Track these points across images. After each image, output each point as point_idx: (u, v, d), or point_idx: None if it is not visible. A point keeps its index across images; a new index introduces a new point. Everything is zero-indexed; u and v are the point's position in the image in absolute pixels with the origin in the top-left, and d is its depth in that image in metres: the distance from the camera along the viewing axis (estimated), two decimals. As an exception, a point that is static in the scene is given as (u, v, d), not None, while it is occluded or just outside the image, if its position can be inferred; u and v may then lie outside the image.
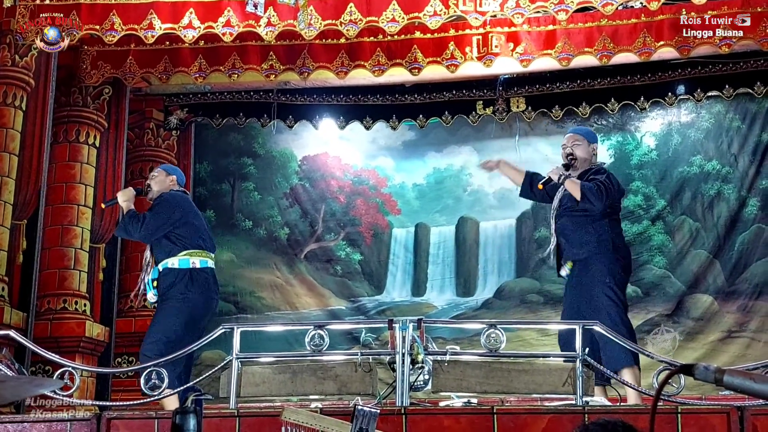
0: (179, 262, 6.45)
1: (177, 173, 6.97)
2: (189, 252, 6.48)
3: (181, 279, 6.41)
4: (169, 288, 6.41)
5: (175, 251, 6.46)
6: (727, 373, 2.25)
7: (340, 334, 9.67)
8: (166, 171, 6.96)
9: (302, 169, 11.30)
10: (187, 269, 6.43)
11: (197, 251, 6.51)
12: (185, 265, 6.45)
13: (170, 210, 6.53)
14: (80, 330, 8.94)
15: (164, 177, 6.83)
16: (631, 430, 2.56)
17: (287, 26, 7.35)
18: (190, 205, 6.82)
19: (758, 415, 4.79)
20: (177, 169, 7.20)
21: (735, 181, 10.26)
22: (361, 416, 3.92)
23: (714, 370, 2.25)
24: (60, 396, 5.65)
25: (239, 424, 5.04)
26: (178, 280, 6.40)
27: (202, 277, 6.48)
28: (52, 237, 9.02)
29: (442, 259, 11.06)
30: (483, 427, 4.94)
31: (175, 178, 6.85)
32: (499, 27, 8.38)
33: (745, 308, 9.92)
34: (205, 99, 10.61)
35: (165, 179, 6.81)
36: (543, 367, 5.47)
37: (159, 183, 6.79)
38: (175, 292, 6.39)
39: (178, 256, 6.45)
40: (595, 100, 10.17)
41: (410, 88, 10.30)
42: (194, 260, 6.48)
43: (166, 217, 6.50)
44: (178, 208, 6.58)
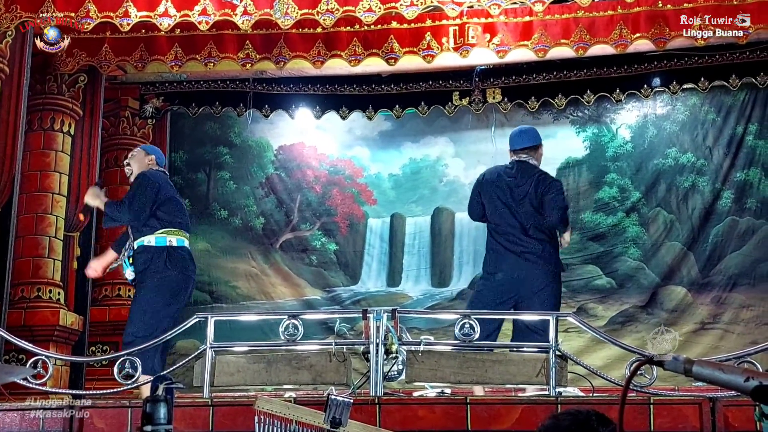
0: (156, 239, 6.42)
1: (156, 153, 6.94)
2: (166, 230, 6.45)
3: (159, 257, 6.38)
4: (147, 266, 6.38)
5: (152, 230, 6.43)
6: (696, 364, 2.26)
7: (315, 324, 9.67)
8: (145, 150, 6.94)
9: (278, 159, 11.28)
10: (164, 247, 6.41)
11: (174, 230, 6.48)
12: (162, 243, 6.42)
13: (152, 188, 6.48)
14: (54, 319, 8.88)
15: (143, 156, 6.80)
16: (603, 419, 2.57)
17: (263, 15, 7.31)
18: (169, 184, 6.78)
19: (730, 406, 4.83)
20: (156, 149, 7.16)
21: (710, 173, 10.32)
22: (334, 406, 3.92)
23: (683, 361, 2.26)
24: (33, 384, 5.63)
25: (213, 414, 5.04)
26: (155, 258, 6.38)
27: (179, 255, 6.46)
28: (26, 225, 8.95)
29: (417, 250, 11.07)
30: (457, 418, 4.95)
31: (154, 158, 6.82)
32: (475, 18, 8.37)
33: (719, 300, 10.00)
34: (181, 88, 10.55)
35: (144, 158, 6.78)
36: (517, 357, 5.49)
37: (138, 162, 6.76)
38: (153, 270, 6.37)
39: (155, 234, 6.42)
40: (571, 92, 10.19)
41: (387, 78, 10.29)
42: (171, 238, 6.45)
43: (151, 194, 6.45)
44: (158, 186, 6.54)
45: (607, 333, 7.33)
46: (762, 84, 9.83)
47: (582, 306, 10.24)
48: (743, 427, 4.73)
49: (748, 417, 4.64)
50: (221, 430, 4.99)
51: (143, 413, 3.69)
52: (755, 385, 2.23)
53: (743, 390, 2.24)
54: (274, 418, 4.08)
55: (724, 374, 2.24)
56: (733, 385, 2.24)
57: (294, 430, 4.07)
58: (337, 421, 3.91)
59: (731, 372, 2.24)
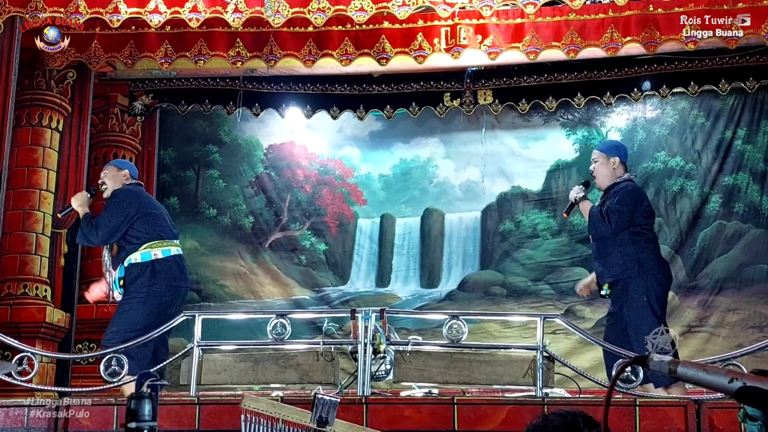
0: (141, 255, 6.50)
1: (128, 167, 7.00)
2: (149, 244, 6.51)
3: (144, 272, 6.45)
4: (133, 282, 6.44)
5: (136, 247, 6.49)
6: (681, 365, 2.27)
7: (303, 324, 9.65)
8: (116, 166, 6.98)
9: (268, 158, 11.25)
10: (148, 261, 6.47)
11: (157, 242, 6.52)
12: (147, 258, 6.49)
13: (125, 207, 6.55)
14: (41, 316, 8.85)
15: (116, 172, 6.85)
16: (590, 421, 2.57)
17: (254, 13, 7.30)
18: (145, 197, 6.83)
19: (715, 408, 4.86)
20: (127, 163, 7.24)
21: (698, 177, 10.34)
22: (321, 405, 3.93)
23: (668, 362, 2.26)
24: (19, 381, 5.61)
25: (199, 412, 5.03)
26: (141, 274, 6.44)
27: (166, 266, 6.50)
28: (13, 221, 8.91)
29: (406, 250, 11.06)
30: (443, 418, 4.96)
31: (127, 172, 6.87)
32: (467, 19, 8.36)
33: (706, 303, 10.02)
34: (171, 85, 10.51)
35: (117, 174, 6.83)
36: (504, 358, 5.51)
37: (112, 179, 6.82)
38: (138, 286, 6.42)
39: (139, 250, 6.49)
40: (561, 95, 10.19)
41: (378, 78, 10.27)
42: (155, 251, 6.50)
43: (122, 216, 6.53)
44: (132, 203, 6.59)
45: (594, 335, 7.34)
46: (751, 89, 9.84)
47: (570, 308, 10.24)
48: (728, 429, 4.75)
49: (733, 419, 4.65)
50: (207, 428, 4.99)
51: (128, 410, 3.69)
52: (739, 387, 2.23)
53: (727, 391, 2.24)
54: (261, 417, 4.08)
55: (708, 375, 2.24)
56: (717, 386, 2.24)
57: (280, 429, 4.07)
58: (323, 420, 3.91)
59: (716, 373, 2.25)
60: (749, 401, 2.29)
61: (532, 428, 2.63)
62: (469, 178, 10.88)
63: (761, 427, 2.41)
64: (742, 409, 2.46)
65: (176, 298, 6.60)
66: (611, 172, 6.52)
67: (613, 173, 6.53)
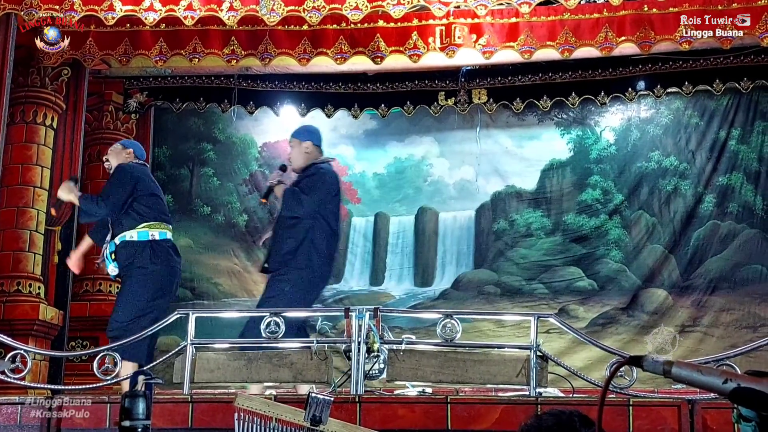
0: (138, 234, 6.41)
1: (134, 146, 6.95)
2: (148, 224, 6.44)
3: (143, 251, 6.37)
4: (131, 261, 6.37)
5: (134, 224, 6.41)
6: (676, 365, 2.26)
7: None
8: (122, 145, 6.97)
9: (262, 156, 11.25)
10: (147, 241, 6.40)
11: (156, 223, 6.47)
12: (144, 237, 6.41)
13: (128, 179, 6.47)
14: (34, 313, 8.82)
15: (120, 150, 6.81)
16: (586, 420, 2.57)
17: (249, 11, 7.30)
18: (149, 177, 6.76)
19: (708, 409, 4.86)
20: (135, 143, 7.19)
21: (692, 177, 10.37)
22: (314, 404, 3.92)
23: (663, 362, 2.26)
24: (11, 379, 5.60)
25: (192, 410, 5.02)
26: (139, 253, 6.37)
27: (163, 248, 6.46)
28: (7, 218, 8.90)
29: (400, 249, 11.07)
30: (437, 417, 4.96)
31: (132, 151, 6.82)
32: (462, 18, 8.36)
33: (699, 303, 10.05)
34: (166, 83, 10.50)
35: (121, 152, 6.79)
36: (498, 357, 5.50)
37: (115, 156, 6.78)
38: (138, 265, 6.35)
39: (136, 228, 6.41)
40: (556, 94, 10.19)
41: (372, 77, 10.27)
42: (153, 232, 6.44)
43: (127, 187, 6.45)
44: (138, 179, 6.52)
45: (587, 334, 7.35)
46: (745, 89, 9.86)
47: (563, 307, 10.26)
48: (721, 429, 4.75)
49: (726, 419, 4.66)
50: (201, 426, 4.99)
51: (122, 408, 3.68)
52: (733, 387, 2.23)
53: (721, 392, 2.24)
54: (254, 416, 4.07)
55: (702, 376, 2.24)
56: (711, 386, 2.24)
57: (274, 427, 4.06)
58: (317, 419, 3.90)
59: (710, 374, 2.25)
60: (744, 402, 2.29)
61: (526, 428, 2.63)
62: (463, 176, 10.89)
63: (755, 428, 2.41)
64: (736, 410, 2.46)
65: (174, 279, 6.59)
66: (302, 156, 6.64)
67: (306, 156, 6.61)
